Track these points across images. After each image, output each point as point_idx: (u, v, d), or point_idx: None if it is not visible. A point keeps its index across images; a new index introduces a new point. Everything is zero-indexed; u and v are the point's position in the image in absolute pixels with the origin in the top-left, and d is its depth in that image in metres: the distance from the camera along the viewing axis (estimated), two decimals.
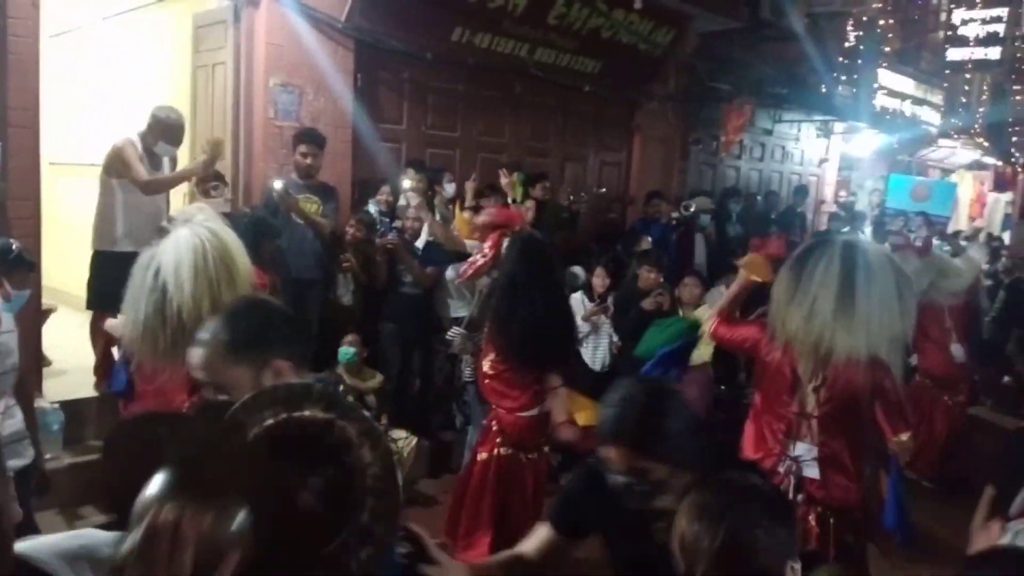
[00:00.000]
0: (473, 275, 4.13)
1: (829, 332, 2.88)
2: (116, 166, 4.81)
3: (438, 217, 5.62)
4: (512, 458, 3.99)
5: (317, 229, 5.20)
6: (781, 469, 3.11)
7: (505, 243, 4.05)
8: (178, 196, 5.82)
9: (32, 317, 4.45)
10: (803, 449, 3.09)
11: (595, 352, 5.82)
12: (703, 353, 5.22)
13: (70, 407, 4.70)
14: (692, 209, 7.67)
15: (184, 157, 6.30)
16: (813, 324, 2.91)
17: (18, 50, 4.40)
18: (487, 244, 4.16)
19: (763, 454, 3.16)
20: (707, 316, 4.17)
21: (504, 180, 6.22)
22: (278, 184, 5.03)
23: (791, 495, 3.01)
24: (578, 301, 5.81)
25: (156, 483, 1.07)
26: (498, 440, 4.00)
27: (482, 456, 4.06)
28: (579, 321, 5.66)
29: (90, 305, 4.95)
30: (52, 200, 6.01)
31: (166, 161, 5.09)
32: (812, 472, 3.09)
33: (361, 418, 1.25)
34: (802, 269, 3.00)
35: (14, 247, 3.70)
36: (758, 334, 3.23)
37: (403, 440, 4.88)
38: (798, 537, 1.66)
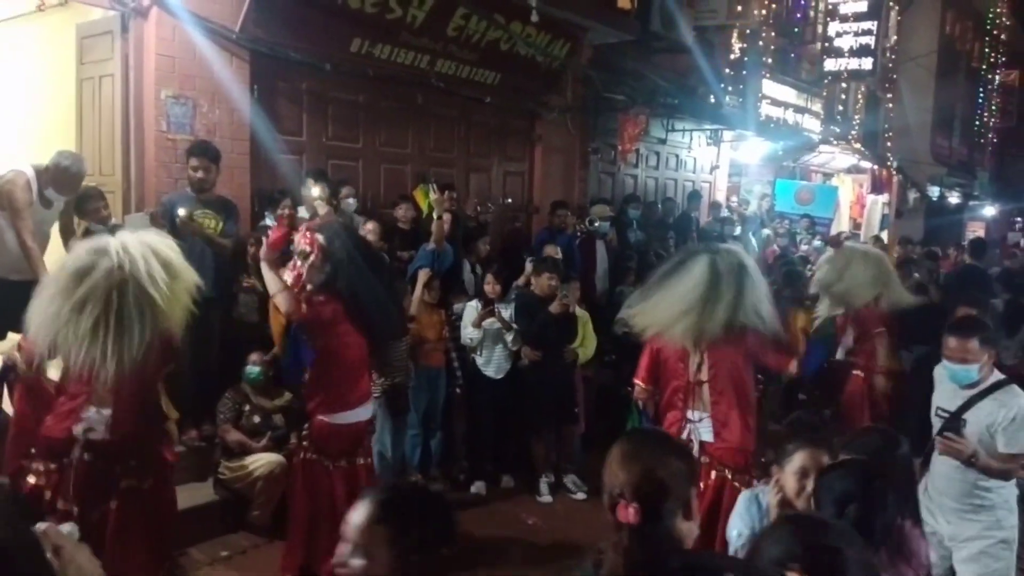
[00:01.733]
0: (308, 278, 4.08)
1: (698, 321, 3.80)
2: (2, 201, 4.63)
3: None
4: (317, 464, 4.12)
5: (218, 249, 5.07)
6: (684, 434, 3.95)
7: (320, 236, 4.09)
8: None
9: None
10: (697, 415, 3.98)
11: (490, 359, 5.89)
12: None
13: None
14: (596, 224, 7.91)
15: None
16: (688, 317, 3.82)
17: None
18: (304, 243, 4.09)
19: (672, 423, 4.04)
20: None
21: (434, 196, 6.20)
22: (181, 211, 4.93)
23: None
24: (472, 308, 5.88)
25: None
26: (305, 444, 4.19)
27: (295, 461, 4.34)
28: (470, 329, 5.76)
29: None
30: None
31: (56, 204, 4.93)
32: (707, 435, 3.96)
33: None
34: (670, 278, 3.94)
35: None
36: (650, 351, 4.25)
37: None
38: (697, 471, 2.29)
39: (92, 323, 3.26)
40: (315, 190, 5.47)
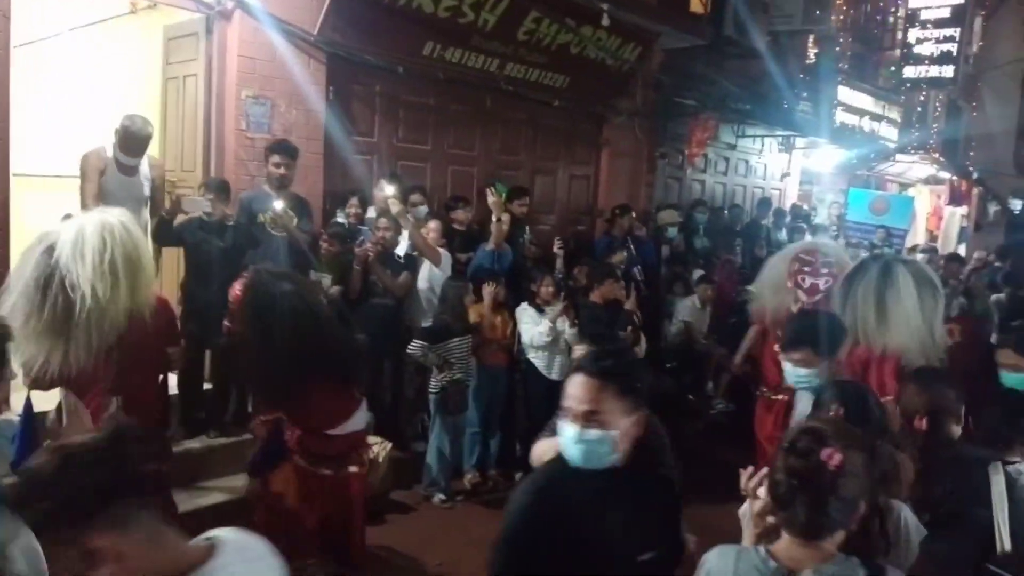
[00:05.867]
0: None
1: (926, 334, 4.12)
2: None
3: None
4: (308, 471, 3.77)
5: (298, 244, 5.24)
6: None
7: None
8: None
9: None
10: None
11: (551, 360, 5.87)
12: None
13: None
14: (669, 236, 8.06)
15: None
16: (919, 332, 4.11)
17: None
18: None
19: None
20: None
21: (491, 199, 6.25)
22: (279, 205, 5.11)
23: None
24: (524, 311, 5.86)
25: None
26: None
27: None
28: (538, 329, 5.74)
29: None
30: (16, 212, 5.94)
31: (144, 170, 5.09)
32: None
33: None
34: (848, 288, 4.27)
35: None
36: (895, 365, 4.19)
37: (377, 445, 4.88)
38: None
39: (46, 331, 3.25)
40: (389, 189, 5.64)
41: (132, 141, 4.94)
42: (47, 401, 3.25)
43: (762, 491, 2.05)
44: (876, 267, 4.33)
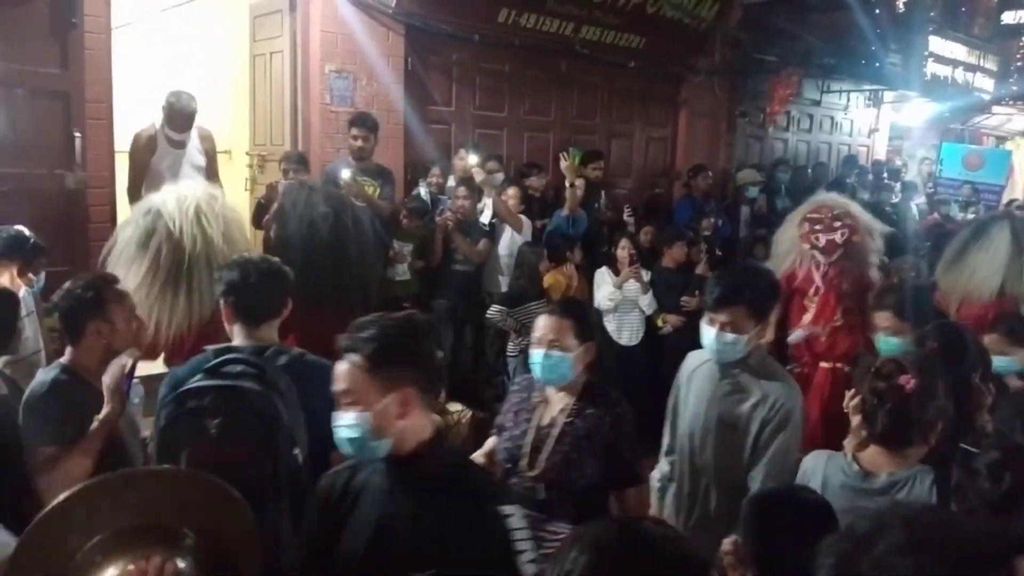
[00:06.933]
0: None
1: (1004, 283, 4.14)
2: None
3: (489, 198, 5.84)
4: None
5: (377, 210, 5.40)
6: None
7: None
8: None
9: None
10: None
11: (622, 324, 5.87)
12: None
13: (147, 382, 4.98)
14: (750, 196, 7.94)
15: (243, 142, 6.58)
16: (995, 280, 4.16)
17: (93, 45, 4.66)
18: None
19: None
20: None
21: (564, 164, 6.25)
22: (346, 174, 5.21)
23: None
24: (603, 275, 5.88)
25: None
26: None
27: None
28: (602, 293, 5.75)
29: None
30: (119, 188, 6.30)
31: (194, 142, 5.23)
32: None
33: None
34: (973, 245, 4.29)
35: (29, 235, 3.76)
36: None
37: (459, 412, 5.05)
38: None
39: (162, 285, 3.28)
40: (472, 159, 5.77)
41: (178, 117, 5.08)
42: None
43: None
44: (975, 225, 4.51)
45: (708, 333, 2.58)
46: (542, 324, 2.56)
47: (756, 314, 2.55)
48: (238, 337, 2.48)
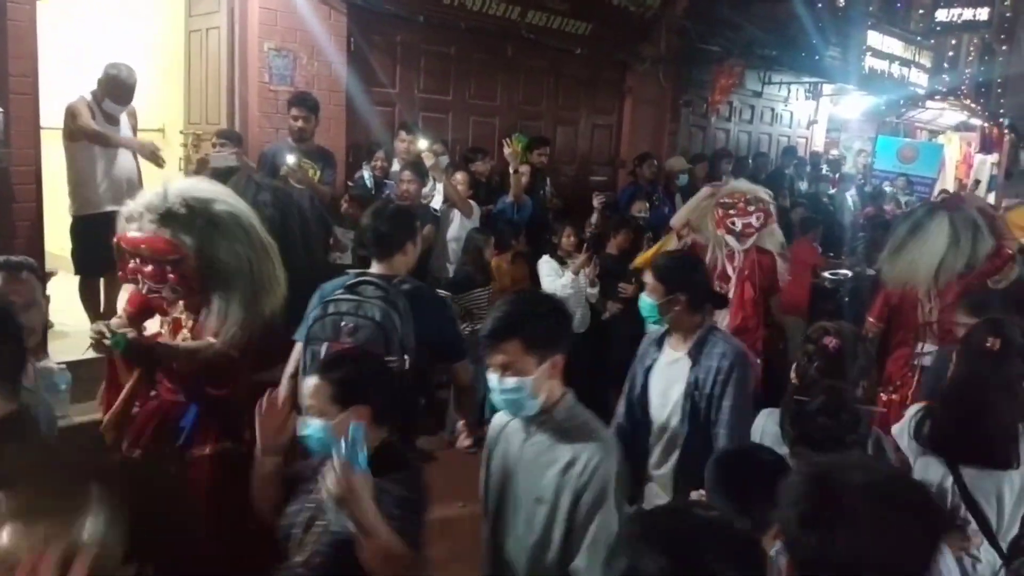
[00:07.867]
0: None
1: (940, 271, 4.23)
2: (69, 124, 4.82)
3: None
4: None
5: (319, 195, 5.28)
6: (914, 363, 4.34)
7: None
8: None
9: None
10: (928, 348, 4.30)
11: (573, 312, 5.84)
12: None
13: (73, 368, 4.79)
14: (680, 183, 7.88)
15: (178, 121, 6.36)
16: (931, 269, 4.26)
17: (17, 16, 4.42)
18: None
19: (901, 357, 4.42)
20: None
21: (507, 150, 6.20)
22: (291, 159, 5.06)
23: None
24: (547, 264, 5.85)
25: None
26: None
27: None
28: (560, 281, 5.74)
29: (78, 271, 5.03)
30: (47, 165, 6.03)
31: (123, 119, 5.07)
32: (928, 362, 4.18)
33: None
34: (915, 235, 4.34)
35: None
36: (882, 299, 4.57)
37: None
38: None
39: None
40: (422, 142, 5.67)
41: (120, 89, 4.90)
42: None
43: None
44: (914, 217, 4.54)
45: (491, 382, 2.12)
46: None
47: (535, 348, 2.07)
48: (374, 266, 3.01)
